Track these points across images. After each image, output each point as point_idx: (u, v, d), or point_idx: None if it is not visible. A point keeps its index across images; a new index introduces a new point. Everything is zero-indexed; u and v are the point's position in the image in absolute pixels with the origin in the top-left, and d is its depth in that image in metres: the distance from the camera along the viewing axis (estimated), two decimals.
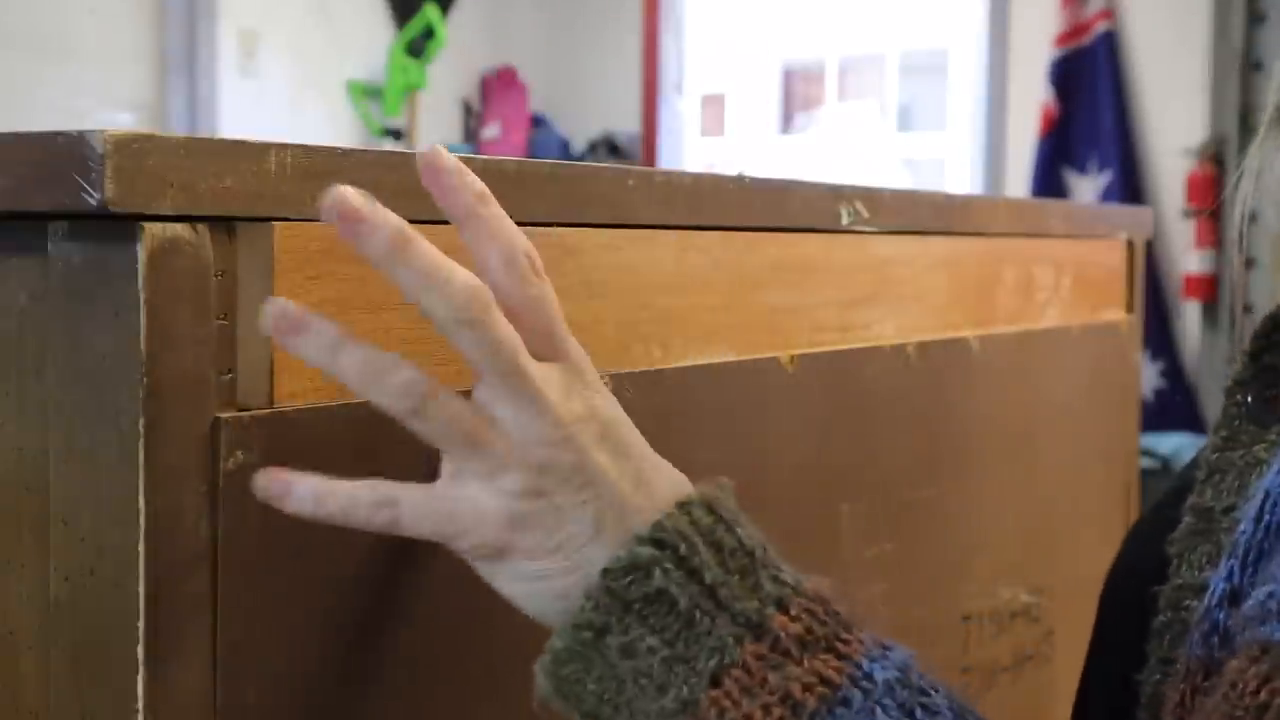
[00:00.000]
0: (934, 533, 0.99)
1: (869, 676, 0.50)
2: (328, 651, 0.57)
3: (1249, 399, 0.63)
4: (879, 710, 0.48)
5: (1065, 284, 1.18)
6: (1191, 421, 3.84)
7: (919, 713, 0.49)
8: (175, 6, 4.22)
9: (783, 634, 0.50)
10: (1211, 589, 0.50)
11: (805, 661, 0.50)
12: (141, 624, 0.49)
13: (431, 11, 4.58)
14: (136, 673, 0.49)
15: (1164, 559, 0.59)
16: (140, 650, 0.49)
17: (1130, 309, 1.30)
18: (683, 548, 0.51)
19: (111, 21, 4.12)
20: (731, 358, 0.79)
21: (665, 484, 0.54)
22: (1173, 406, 3.86)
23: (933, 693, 0.50)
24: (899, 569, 0.94)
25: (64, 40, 4.00)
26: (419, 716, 0.61)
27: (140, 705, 0.50)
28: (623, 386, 0.71)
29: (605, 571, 0.50)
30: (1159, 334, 3.85)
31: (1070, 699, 0.71)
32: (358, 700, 0.58)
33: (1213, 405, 3.88)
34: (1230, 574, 0.50)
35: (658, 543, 0.51)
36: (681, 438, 0.75)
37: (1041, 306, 1.15)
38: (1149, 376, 3.81)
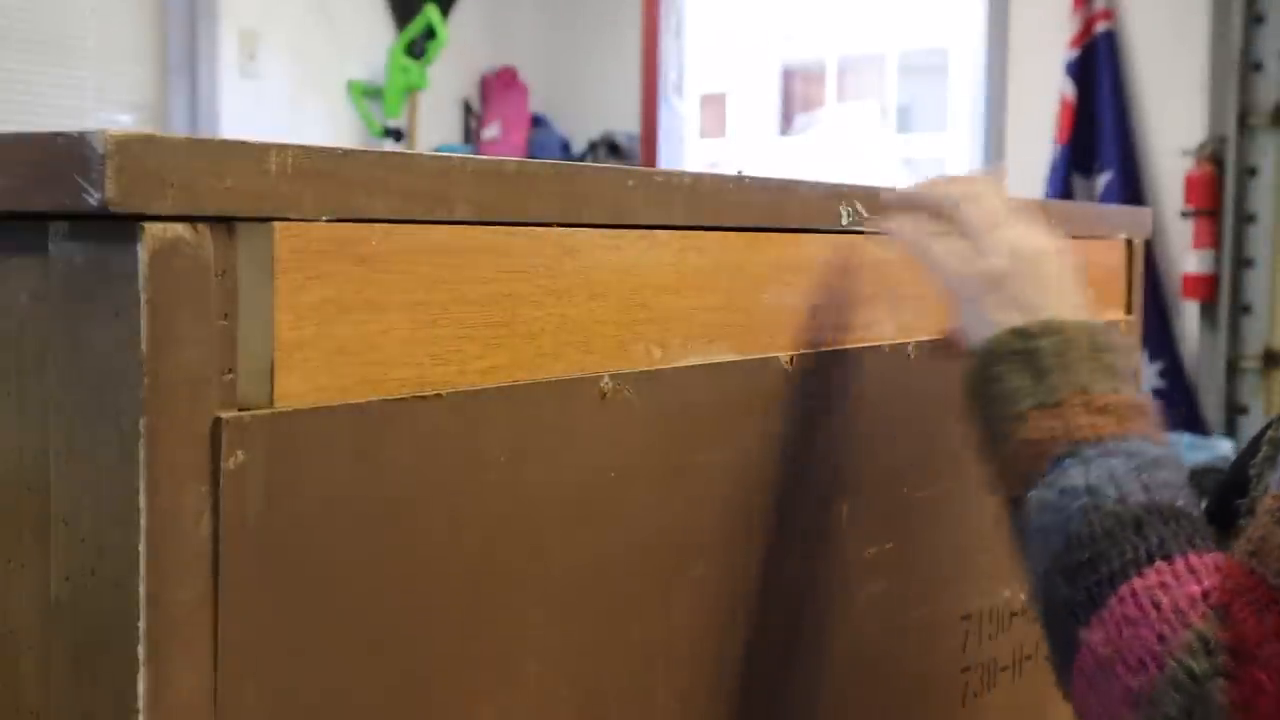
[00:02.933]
0: (934, 532, 0.99)
1: (1136, 443, 0.68)
2: (327, 651, 0.57)
3: None
4: (1122, 458, 0.66)
5: None
6: (1191, 421, 3.84)
7: (1145, 473, 0.66)
8: (176, 7, 4.21)
9: (1096, 399, 0.70)
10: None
11: (1097, 417, 0.69)
12: (141, 624, 0.50)
13: (432, 12, 4.58)
14: (136, 673, 0.50)
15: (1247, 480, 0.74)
16: (140, 650, 0.50)
17: (1130, 309, 1.30)
18: (1066, 334, 0.73)
19: (112, 22, 4.12)
20: (731, 358, 0.79)
21: (1069, 308, 0.76)
22: (1172, 406, 3.86)
23: (1168, 471, 0.67)
24: (899, 569, 0.94)
25: (64, 40, 4.00)
26: (419, 715, 0.61)
27: (140, 705, 0.50)
28: (623, 386, 0.71)
29: (1009, 330, 0.74)
30: (1158, 334, 3.85)
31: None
32: (358, 700, 0.58)
33: (1211, 405, 3.88)
34: None
35: (1050, 326, 0.74)
36: (681, 438, 0.75)
37: None
38: (1148, 376, 3.81)
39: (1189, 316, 3.96)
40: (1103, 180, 4.02)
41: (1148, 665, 0.59)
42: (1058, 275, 0.78)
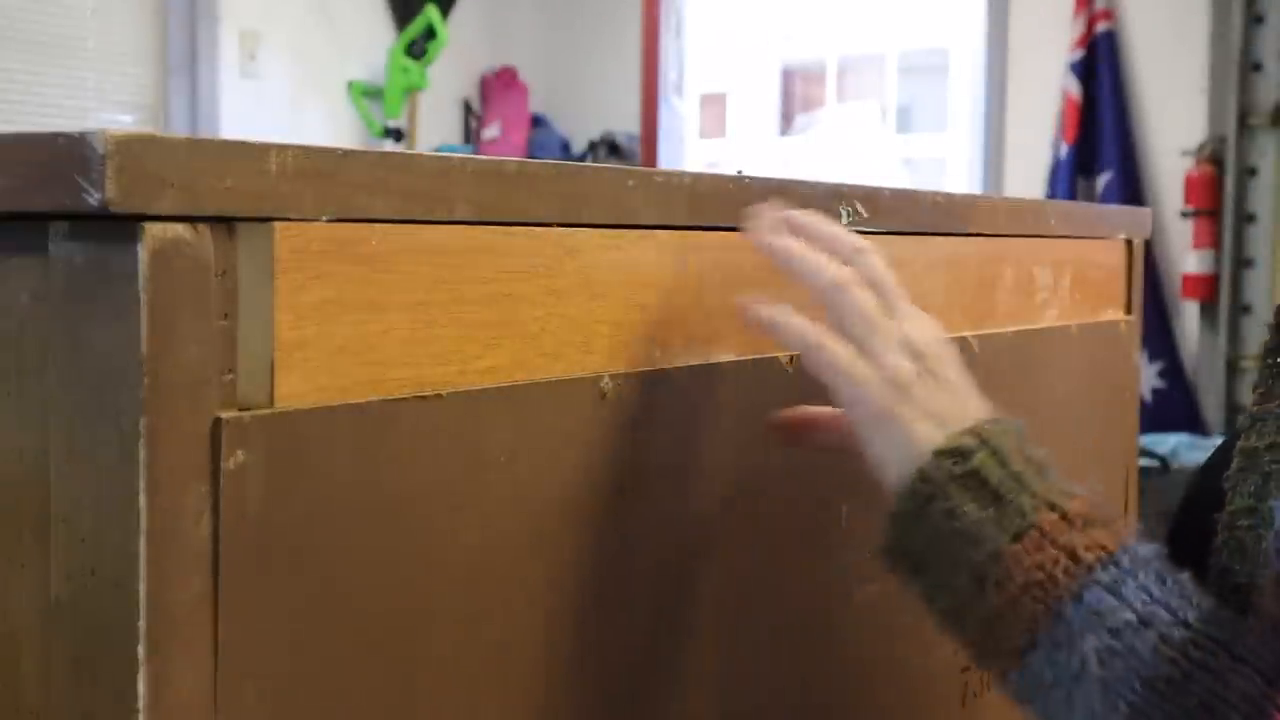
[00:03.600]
0: None
1: (1135, 550, 0.63)
2: (328, 651, 0.57)
3: (1279, 361, 0.74)
4: (1141, 573, 0.61)
5: (1065, 284, 1.18)
6: (1191, 422, 3.84)
7: (1169, 581, 0.62)
8: (176, 7, 4.22)
9: (1070, 511, 0.64)
10: (1277, 514, 0.63)
11: (1087, 532, 0.63)
12: (142, 624, 0.50)
13: (432, 12, 4.58)
14: (136, 673, 0.50)
15: (1220, 494, 0.71)
16: (140, 650, 0.50)
17: (1129, 309, 1.30)
18: (995, 444, 0.66)
19: (112, 22, 4.12)
20: (731, 358, 0.79)
21: (981, 407, 0.70)
22: (1172, 407, 3.86)
23: (1178, 571, 0.63)
24: None
25: (65, 40, 4.00)
26: (419, 715, 0.61)
27: (140, 705, 0.50)
28: (623, 386, 0.71)
29: (936, 453, 0.66)
30: (1158, 334, 3.85)
31: None
32: (358, 699, 0.58)
33: (1211, 405, 3.88)
34: None
35: (978, 437, 0.66)
36: (682, 438, 0.75)
37: (1041, 306, 1.15)
38: (1148, 376, 3.82)
39: (1189, 316, 3.96)
40: (1103, 180, 4.02)
41: None
42: (956, 370, 0.70)
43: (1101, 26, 4.05)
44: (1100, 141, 4.03)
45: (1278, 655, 0.58)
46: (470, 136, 5.11)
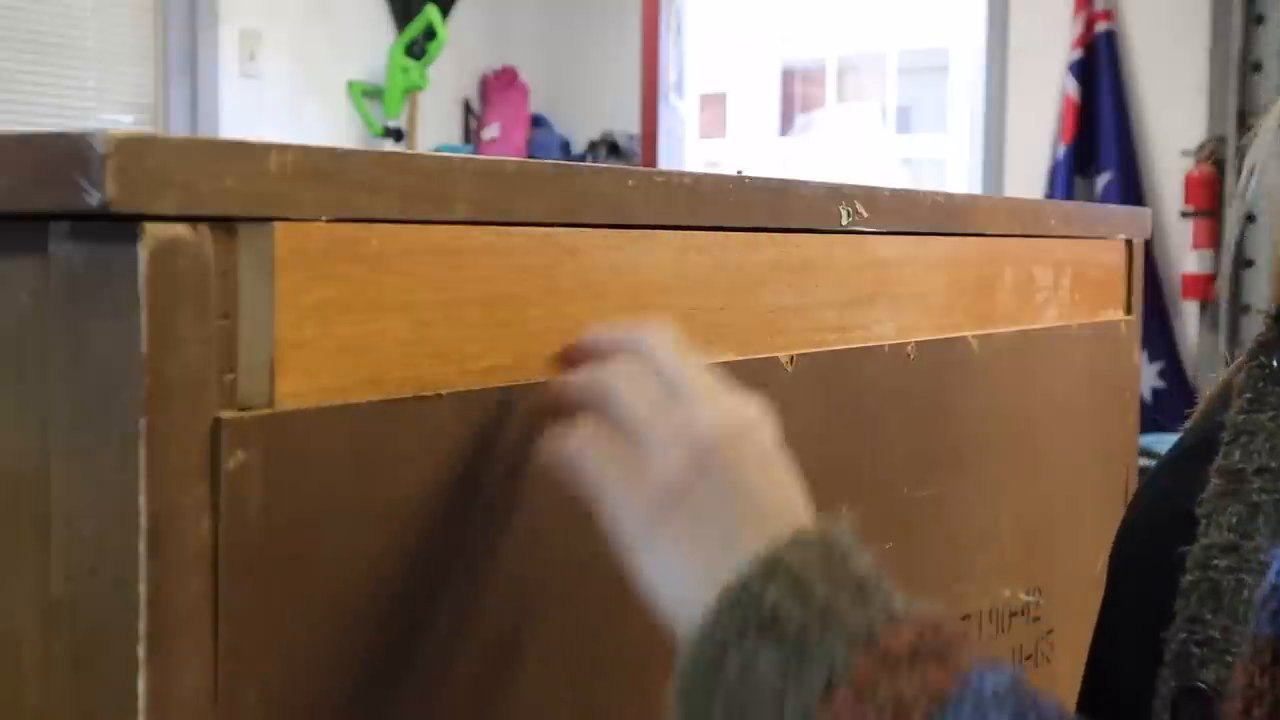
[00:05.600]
0: (933, 532, 0.99)
1: (979, 686, 0.50)
2: (328, 651, 0.57)
3: (1274, 361, 0.62)
4: (993, 714, 0.49)
5: (1065, 284, 1.18)
6: None
7: (1031, 716, 0.49)
8: (176, 7, 4.21)
9: (892, 644, 0.51)
10: (1274, 565, 0.50)
11: (915, 670, 0.50)
12: (141, 624, 0.49)
13: (432, 12, 4.58)
14: (136, 673, 0.50)
15: (1188, 518, 0.60)
16: (140, 650, 0.50)
17: (1129, 309, 1.30)
18: (795, 572, 0.53)
19: (112, 21, 4.12)
20: (731, 358, 0.79)
21: (785, 514, 0.57)
22: (1172, 407, 3.85)
23: (1043, 701, 0.50)
24: (899, 569, 0.94)
25: (64, 40, 4.00)
26: (419, 716, 0.61)
27: (140, 705, 0.50)
28: None
29: (721, 596, 0.53)
30: (1158, 334, 3.85)
31: (1071, 697, 0.71)
32: (358, 700, 0.58)
33: None
34: None
35: (769, 567, 0.53)
36: None
37: (1041, 306, 1.15)
38: (1148, 377, 3.82)
39: (1189, 316, 3.96)
40: (1102, 180, 4.02)
41: None
42: (754, 463, 0.58)
43: (1101, 26, 4.05)
44: (1100, 142, 4.03)
45: None
46: (470, 136, 5.11)
